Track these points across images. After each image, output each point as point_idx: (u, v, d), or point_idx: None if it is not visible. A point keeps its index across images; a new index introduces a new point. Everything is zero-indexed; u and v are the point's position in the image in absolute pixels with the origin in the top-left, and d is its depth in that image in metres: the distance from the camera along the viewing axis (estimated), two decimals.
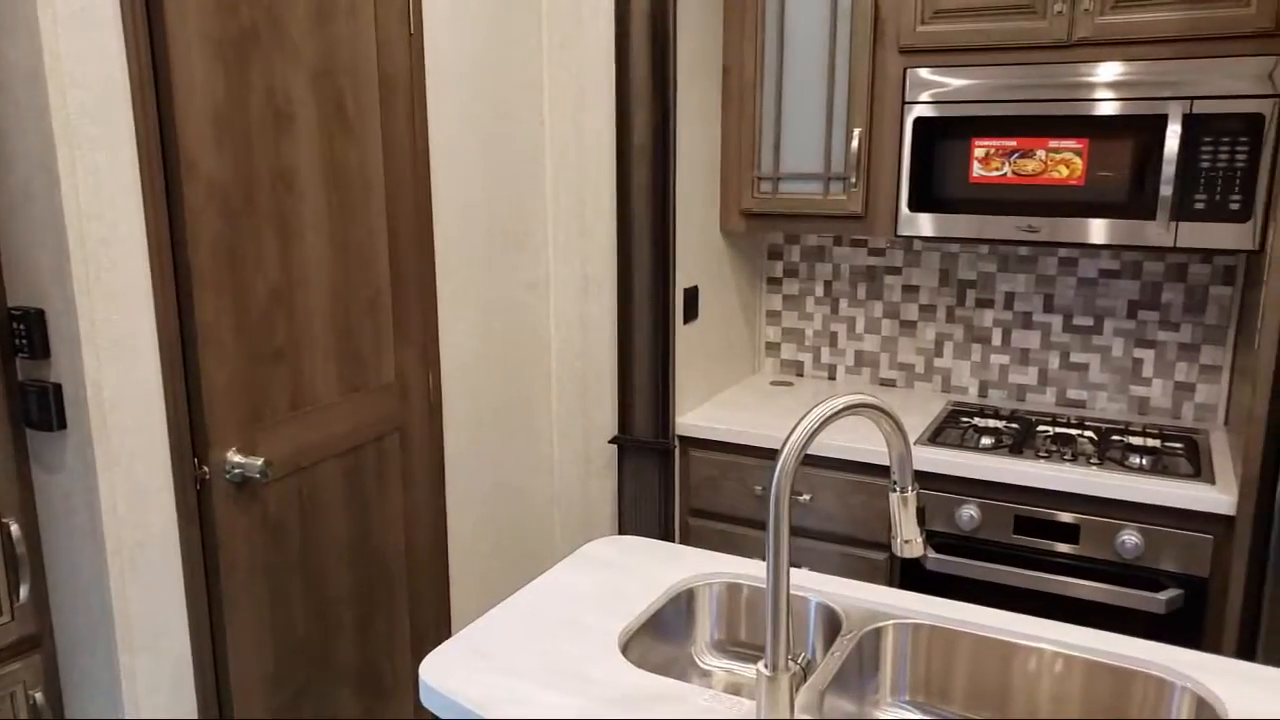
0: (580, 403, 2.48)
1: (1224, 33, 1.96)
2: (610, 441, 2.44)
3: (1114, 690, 1.28)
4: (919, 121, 2.24)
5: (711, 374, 2.62)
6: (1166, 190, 2.02)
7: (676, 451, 2.43)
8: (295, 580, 1.84)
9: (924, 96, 2.23)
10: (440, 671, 1.26)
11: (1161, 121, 2.01)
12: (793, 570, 1.52)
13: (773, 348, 2.89)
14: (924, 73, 2.22)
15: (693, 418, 2.44)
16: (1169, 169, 2.02)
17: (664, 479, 2.41)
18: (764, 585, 1.49)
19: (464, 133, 2.14)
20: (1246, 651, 1.89)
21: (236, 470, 1.67)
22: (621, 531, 2.47)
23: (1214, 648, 1.95)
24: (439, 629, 2.24)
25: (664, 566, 1.55)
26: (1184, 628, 1.98)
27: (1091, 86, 2.07)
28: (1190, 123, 1.99)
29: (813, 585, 1.48)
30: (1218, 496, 1.91)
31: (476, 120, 2.17)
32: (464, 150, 2.15)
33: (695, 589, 1.52)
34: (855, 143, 2.32)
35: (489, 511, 2.36)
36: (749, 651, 1.52)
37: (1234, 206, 1.98)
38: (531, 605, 1.43)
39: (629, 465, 2.44)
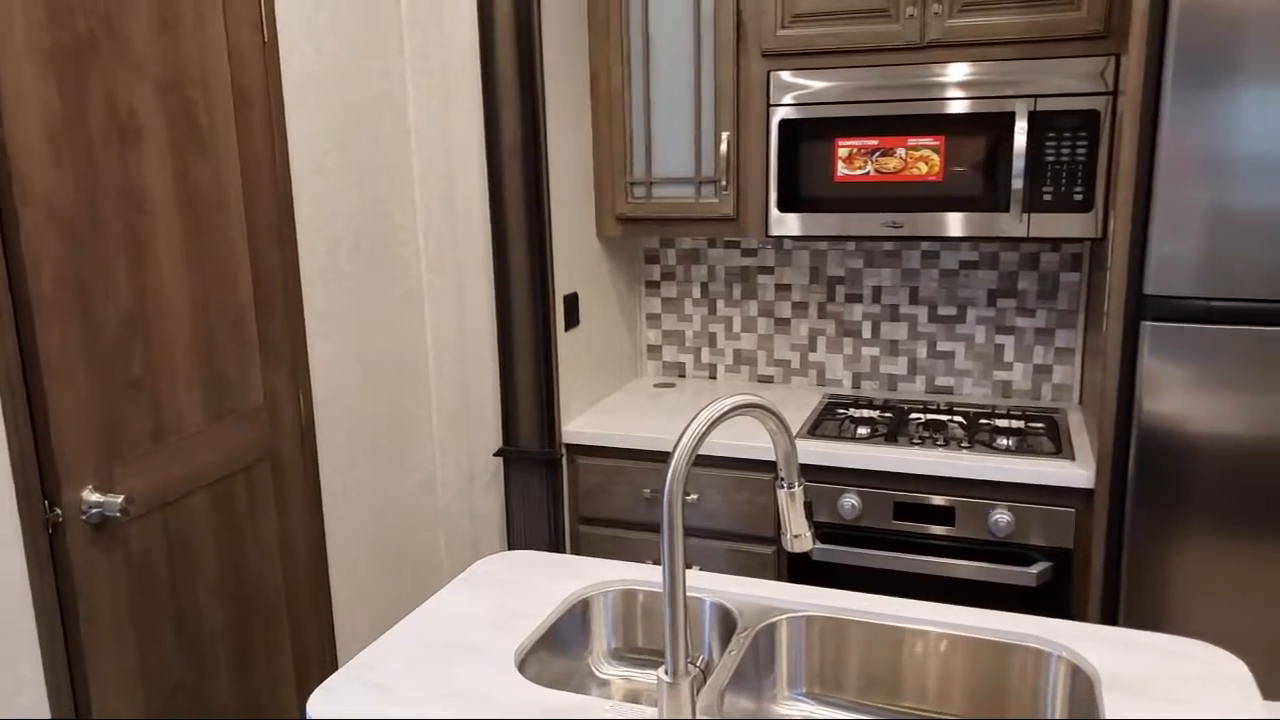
0: (462, 416, 2.43)
1: (1060, 35, 2.08)
2: (495, 454, 2.40)
3: (996, 665, 1.33)
4: (784, 124, 2.29)
5: (595, 380, 2.61)
6: (1017, 184, 2.13)
7: (564, 460, 2.41)
8: (165, 623, 1.73)
9: (787, 99, 2.28)
10: (328, 706, 1.20)
11: (1009, 119, 2.12)
12: (686, 572, 1.52)
13: (654, 350, 2.90)
14: (786, 76, 2.27)
15: (578, 425, 2.42)
16: (1018, 164, 2.13)
17: (552, 489, 2.38)
18: (659, 589, 1.49)
19: (325, 144, 2.07)
20: (1110, 616, 2.01)
21: (94, 510, 1.56)
22: (511, 546, 2.43)
23: (1081, 615, 2.06)
24: (324, 662, 2.16)
25: (556, 579, 1.53)
26: (1054, 598, 2.08)
27: (944, 86, 2.16)
28: (1035, 120, 2.10)
29: (706, 585, 1.49)
30: (1077, 471, 2.02)
31: (338, 130, 2.10)
32: (326, 162, 2.07)
33: (590, 599, 1.51)
34: (724, 146, 2.35)
35: (371, 535, 2.29)
36: (647, 657, 1.52)
37: (1078, 197, 2.10)
38: (422, 629, 1.39)
39: (515, 478, 2.40)
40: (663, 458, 2.30)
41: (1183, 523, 1.90)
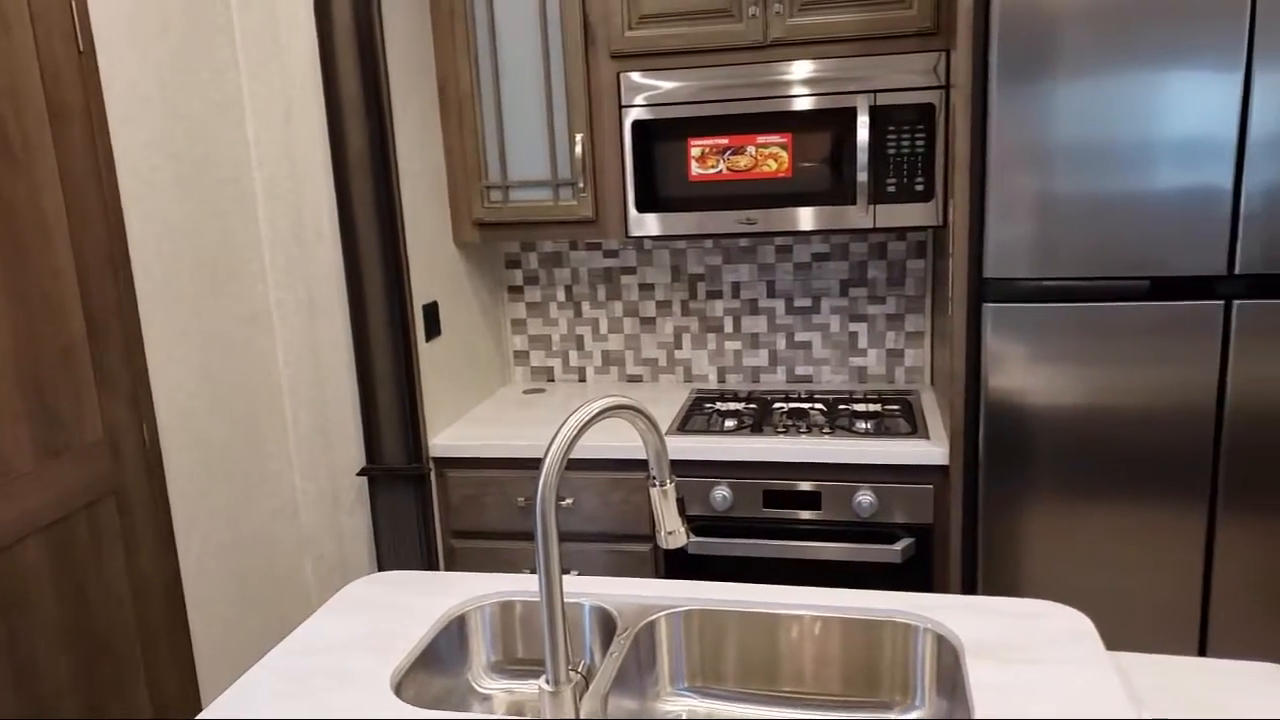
0: (321, 437, 2.34)
1: (894, 32, 2.17)
2: (359, 474, 2.32)
3: (867, 642, 1.38)
4: (637, 125, 2.30)
5: (461, 390, 2.56)
6: (862, 177, 2.21)
7: (432, 475, 2.36)
8: (1, 681, 1.59)
9: (639, 100, 2.30)
10: None
11: (852, 114, 2.20)
12: (563, 577, 1.51)
13: (521, 356, 2.88)
14: (636, 77, 2.29)
15: (446, 437, 2.37)
16: (862, 157, 2.21)
17: (421, 505, 2.32)
18: (536, 599, 1.47)
19: (157, 159, 1.95)
20: (970, 585, 2.11)
21: None
22: (381, 567, 2.36)
23: (943, 586, 2.16)
24: (187, 705, 2.03)
25: (430, 597, 1.49)
26: (918, 572, 2.17)
27: (789, 84, 2.22)
28: (876, 114, 2.19)
29: (584, 589, 1.48)
30: (932, 449, 2.11)
31: (170, 145, 1.98)
32: (158, 178, 1.95)
33: (466, 614, 1.47)
34: (579, 148, 2.35)
35: (231, 567, 2.17)
36: (528, 668, 1.50)
37: (919, 188, 2.20)
38: (289, 661, 1.32)
39: (382, 496, 2.33)
40: (535, 465, 2.27)
41: (1030, 491, 2.01)
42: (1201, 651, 2.01)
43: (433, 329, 2.39)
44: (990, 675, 1.19)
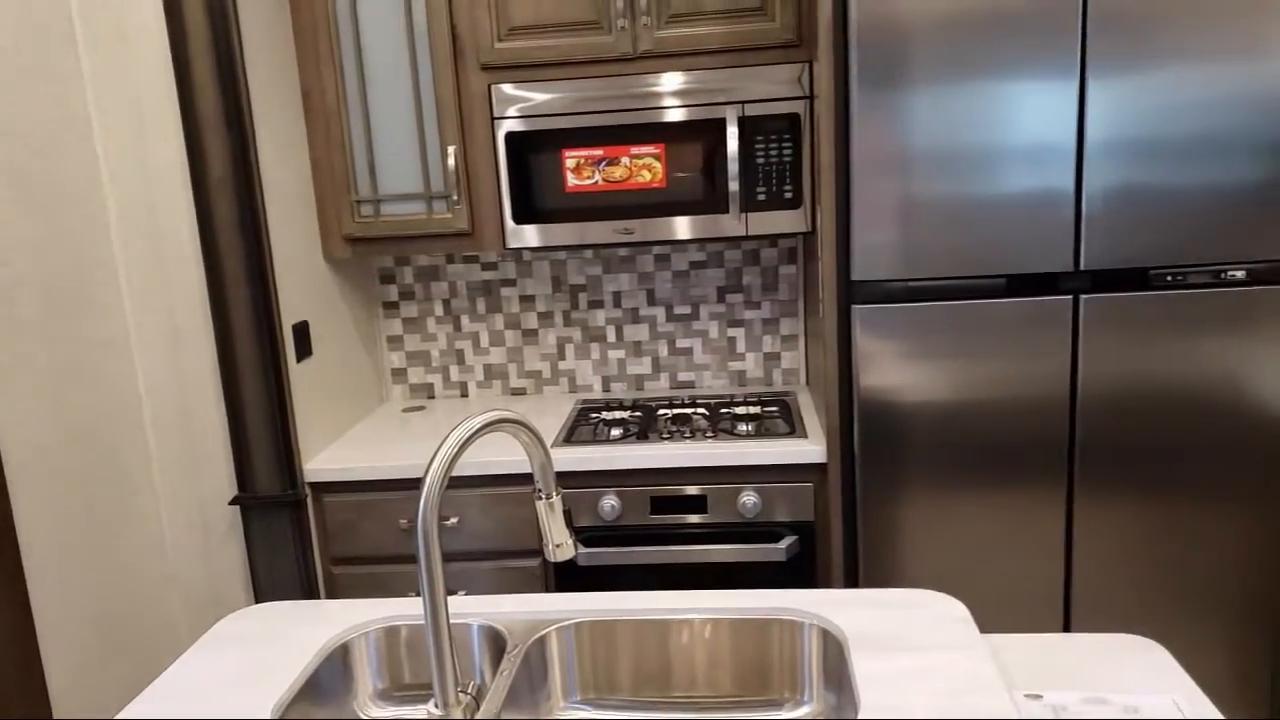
0: (188, 467, 2.22)
1: (759, 44, 2.23)
2: (231, 503, 2.22)
3: (756, 641, 1.40)
4: (511, 136, 2.29)
5: (337, 411, 2.48)
6: (734, 186, 2.26)
7: (308, 500, 2.27)
8: None
9: (512, 112, 2.28)
10: None
11: (721, 125, 2.24)
12: (450, 598, 1.48)
13: (399, 374, 2.81)
14: (508, 89, 2.27)
15: (322, 461, 2.29)
16: (733, 167, 2.25)
17: (298, 533, 2.24)
18: (422, 622, 1.44)
19: None
20: (852, 578, 2.18)
21: None
22: (258, 599, 2.26)
23: (827, 581, 2.22)
24: None
25: (311, 627, 1.44)
26: (803, 569, 2.23)
27: (660, 96, 2.25)
28: (745, 124, 2.24)
29: (472, 609, 1.45)
30: (811, 448, 2.17)
31: (7, 159, 1.85)
32: None
33: (349, 642, 1.43)
34: (451, 160, 2.32)
35: (92, 610, 2.04)
36: (416, 693, 1.46)
37: (788, 195, 2.26)
38: (160, 705, 1.25)
39: (256, 525, 2.23)
40: (416, 485, 2.22)
41: (904, 484, 2.09)
42: (1066, 627, 2.13)
43: (304, 349, 2.31)
44: (874, 666, 1.23)
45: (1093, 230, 1.96)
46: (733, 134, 2.24)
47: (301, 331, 2.30)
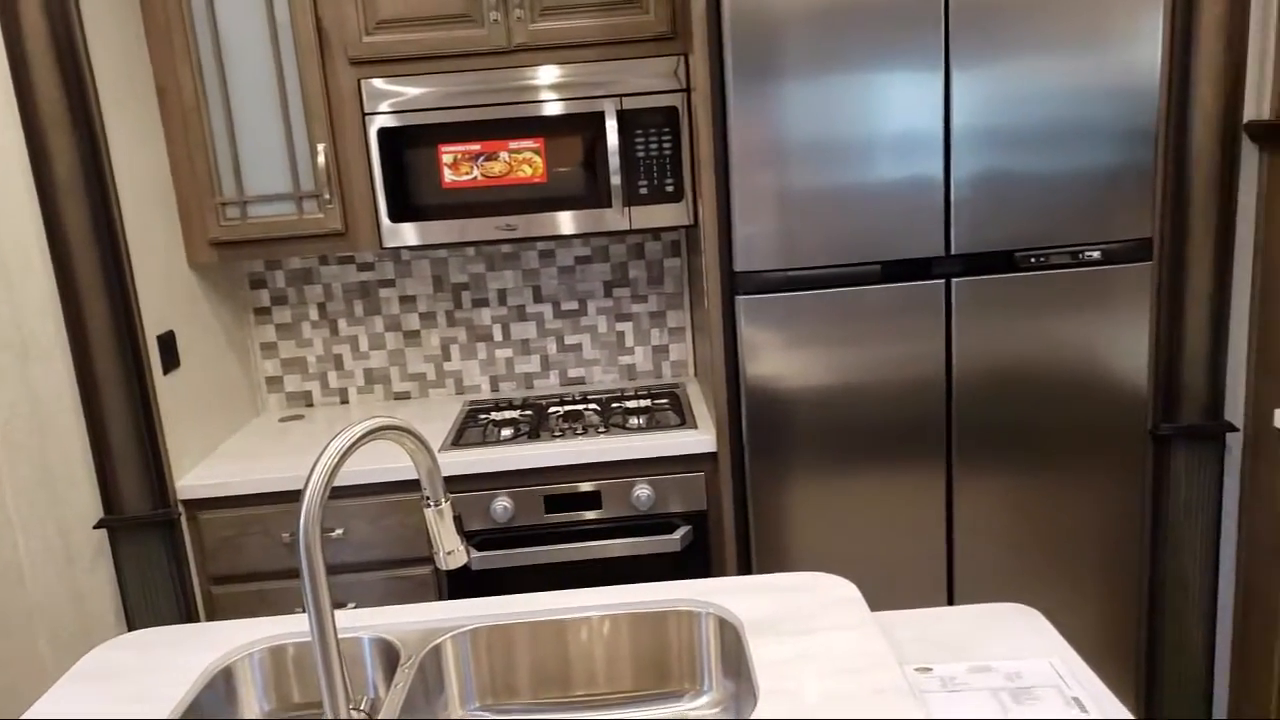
0: (46, 490, 2.08)
1: (634, 36, 2.23)
2: (96, 526, 2.08)
3: (655, 634, 1.40)
4: (383, 132, 2.22)
5: (209, 424, 2.37)
6: (616, 179, 2.25)
7: (182, 519, 2.16)
8: None
9: (384, 107, 2.22)
10: None
11: (600, 118, 2.23)
12: (339, 612, 1.43)
13: (275, 382, 2.70)
14: (379, 83, 2.21)
15: (196, 477, 2.18)
16: (614, 160, 2.25)
17: (173, 554, 2.12)
18: (310, 639, 1.38)
19: None
20: (746, 564, 2.21)
21: None
22: (132, 626, 2.13)
23: (721, 569, 2.24)
24: None
25: (190, 652, 1.36)
26: (697, 559, 2.24)
27: (538, 89, 2.22)
28: (623, 118, 2.23)
29: (362, 621, 1.41)
30: (701, 438, 2.19)
31: None
32: None
33: (232, 665, 1.36)
34: (322, 159, 2.24)
35: None
36: (307, 713, 1.40)
37: (669, 188, 2.27)
38: None
39: (126, 549, 2.11)
40: (297, 497, 2.14)
41: (792, 469, 2.13)
42: (950, 599, 2.21)
43: (170, 360, 2.19)
44: (770, 650, 1.24)
45: (961, 216, 2.03)
46: (612, 127, 2.23)
47: (167, 342, 2.18)
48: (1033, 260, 2.06)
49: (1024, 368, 2.10)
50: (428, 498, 1.18)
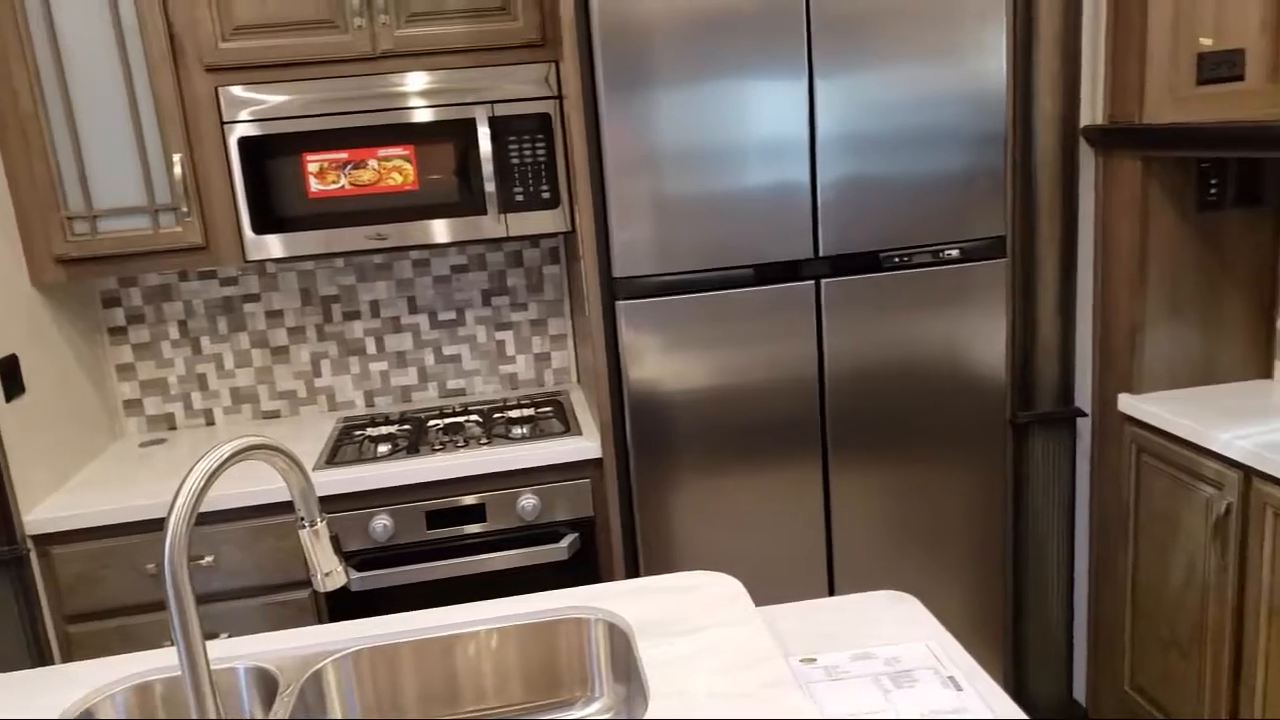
0: None
1: (503, 43, 2.21)
2: None
3: (544, 644, 1.39)
4: (244, 141, 2.14)
5: (60, 453, 2.22)
6: (490, 186, 2.23)
7: (33, 555, 2.02)
8: None
9: (244, 115, 2.13)
10: None
11: (472, 125, 2.21)
12: (211, 642, 1.36)
13: (133, 405, 2.55)
14: (238, 91, 2.12)
15: (46, 510, 2.04)
16: (488, 167, 2.22)
17: (23, 593, 1.98)
18: (179, 673, 1.31)
19: None
20: (633, 569, 2.22)
21: None
22: None
23: (610, 575, 2.24)
24: None
25: (45, 697, 1.27)
26: (586, 566, 2.24)
27: (407, 96, 2.18)
28: (496, 124, 2.22)
29: (237, 651, 1.34)
30: (586, 444, 2.19)
31: None
32: None
33: (93, 707, 1.28)
34: (178, 169, 2.13)
35: None
36: None
37: (545, 195, 2.26)
38: None
39: None
40: (162, 526, 2.03)
41: (676, 471, 2.15)
42: (831, 590, 2.28)
43: (14, 387, 2.05)
44: (659, 652, 1.25)
45: (828, 219, 2.10)
46: (484, 134, 2.21)
47: (9, 367, 2.03)
48: (896, 260, 2.15)
49: (891, 363, 2.19)
50: (302, 519, 1.14)
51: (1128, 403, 2.25)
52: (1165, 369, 2.27)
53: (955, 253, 2.16)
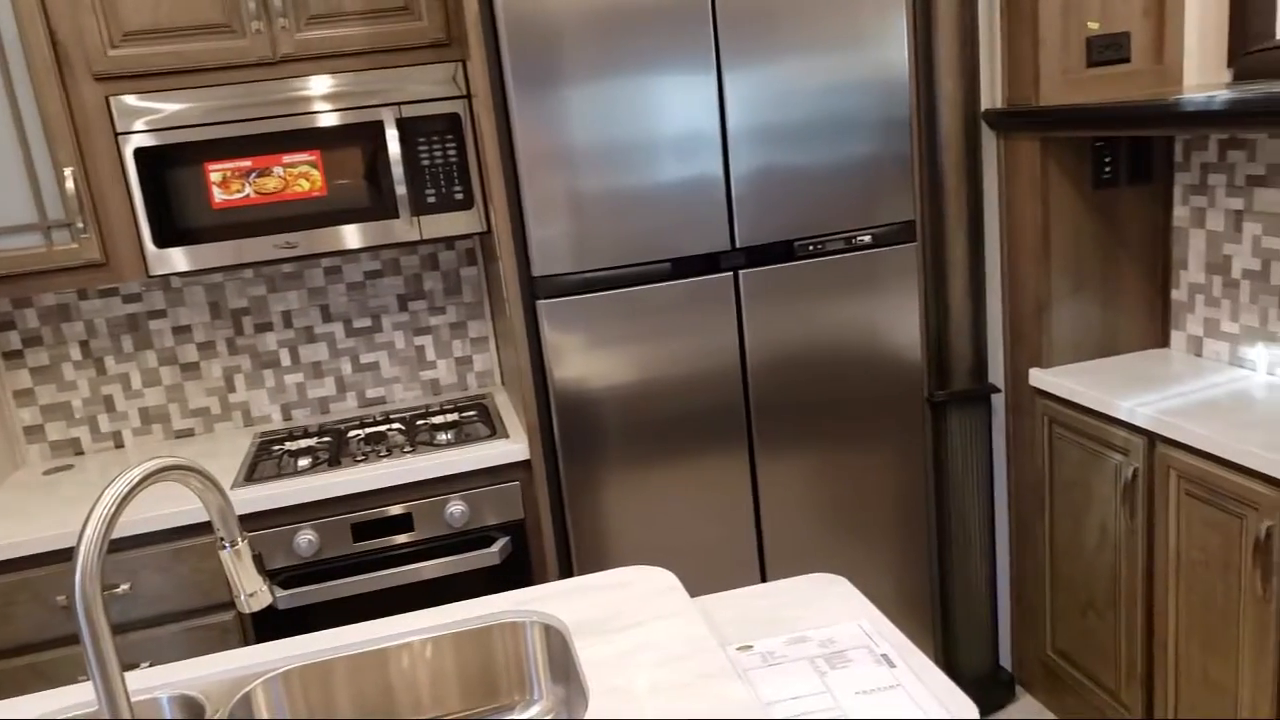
0: None
1: (408, 44, 2.17)
2: None
3: (480, 650, 1.37)
4: (141, 152, 2.06)
5: None
6: (401, 189, 2.19)
7: None
8: None
9: (139, 125, 2.05)
10: None
11: (380, 128, 2.16)
12: (131, 673, 1.31)
13: (35, 431, 2.44)
14: (131, 100, 2.04)
15: None
16: (398, 170, 2.18)
17: None
18: (95, 709, 1.26)
19: None
20: (567, 569, 2.21)
21: None
22: None
23: (543, 577, 2.23)
24: None
25: None
26: (518, 569, 2.22)
27: (311, 100, 2.13)
28: (404, 126, 2.18)
29: (160, 679, 1.30)
30: (513, 447, 2.17)
31: None
32: None
33: None
34: (70, 184, 2.04)
35: None
36: None
37: (459, 196, 2.23)
38: None
39: None
40: (71, 555, 1.95)
41: (606, 468, 2.15)
42: (763, 576, 2.31)
43: None
44: (597, 650, 1.25)
45: (743, 210, 2.12)
46: (393, 136, 2.17)
47: None
48: (810, 249, 2.18)
49: (811, 349, 2.22)
50: (223, 539, 1.11)
51: (1038, 377, 2.33)
52: (1071, 343, 2.36)
53: (867, 238, 2.21)
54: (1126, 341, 2.39)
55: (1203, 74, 2.25)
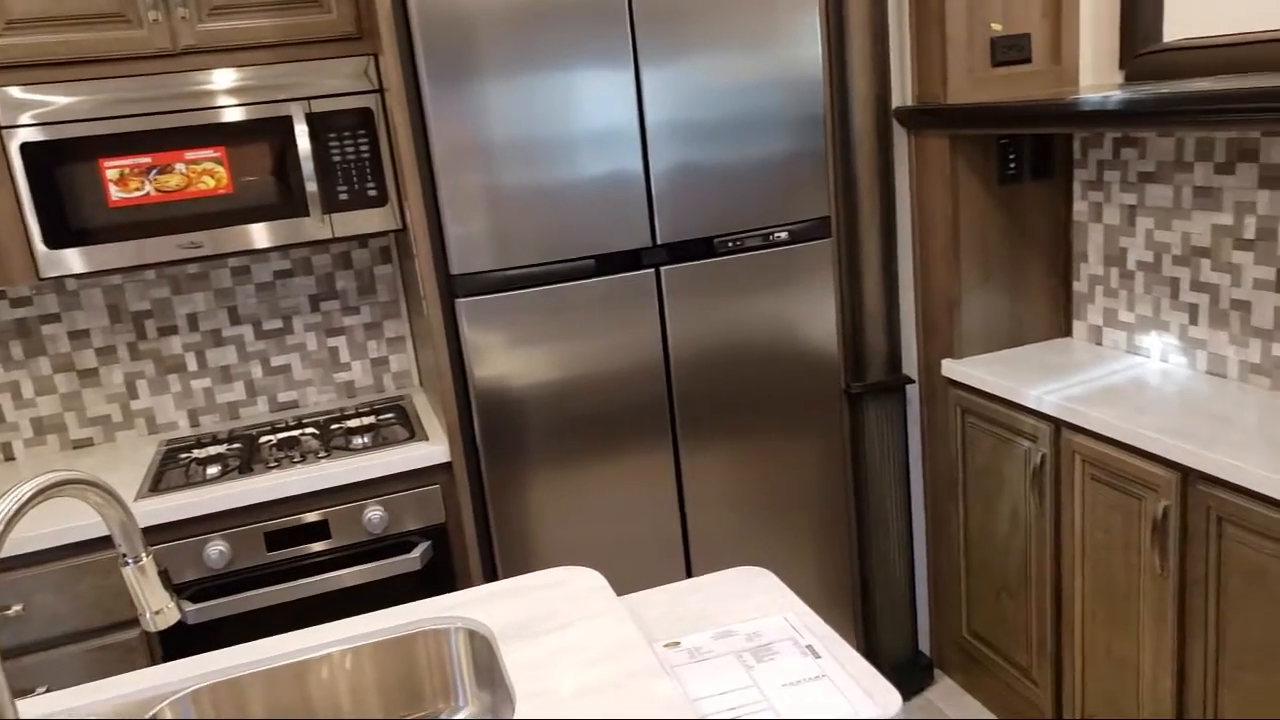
0: None
1: (317, 37, 2.11)
2: None
3: (403, 658, 1.34)
4: (28, 147, 1.95)
5: None
6: (311, 186, 2.13)
7: None
8: None
9: (25, 119, 1.94)
10: None
11: (288, 123, 2.09)
12: (26, 700, 1.24)
13: None
14: (16, 92, 1.93)
15: None
16: (308, 166, 2.12)
17: None
18: None
19: None
20: (491, 573, 2.18)
21: None
22: None
23: (467, 581, 2.20)
24: None
25: None
26: (442, 574, 2.18)
27: (214, 94, 2.04)
28: (314, 121, 2.11)
29: (58, 705, 1.23)
30: (433, 449, 2.13)
31: None
32: None
33: None
34: None
35: None
36: None
37: (372, 193, 2.18)
38: None
39: None
40: None
41: (529, 468, 2.13)
42: (688, 571, 2.32)
43: None
44: (523, 653, 1.23)
45: (663, 207, 2.12)
46: (302, 132, 2.10)
47: None
48: (729, 245, 2.19)
49: (732, 344, 2.23)
50: (125, 556, 1.05)
51: (950, 367, 2.39)
52: (980, 333, 2.42)
53: (784, 235, 2.23)
54: (1032, 331, 2.47)
55: (1097, 75, 2.34)
